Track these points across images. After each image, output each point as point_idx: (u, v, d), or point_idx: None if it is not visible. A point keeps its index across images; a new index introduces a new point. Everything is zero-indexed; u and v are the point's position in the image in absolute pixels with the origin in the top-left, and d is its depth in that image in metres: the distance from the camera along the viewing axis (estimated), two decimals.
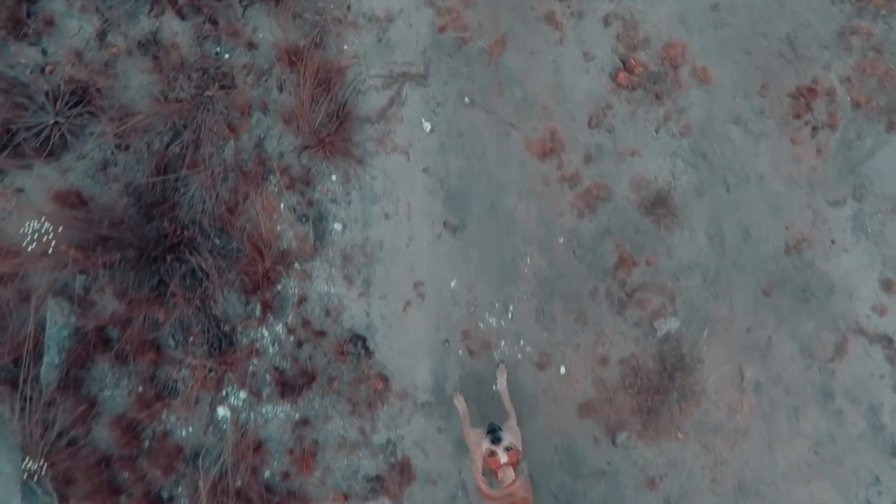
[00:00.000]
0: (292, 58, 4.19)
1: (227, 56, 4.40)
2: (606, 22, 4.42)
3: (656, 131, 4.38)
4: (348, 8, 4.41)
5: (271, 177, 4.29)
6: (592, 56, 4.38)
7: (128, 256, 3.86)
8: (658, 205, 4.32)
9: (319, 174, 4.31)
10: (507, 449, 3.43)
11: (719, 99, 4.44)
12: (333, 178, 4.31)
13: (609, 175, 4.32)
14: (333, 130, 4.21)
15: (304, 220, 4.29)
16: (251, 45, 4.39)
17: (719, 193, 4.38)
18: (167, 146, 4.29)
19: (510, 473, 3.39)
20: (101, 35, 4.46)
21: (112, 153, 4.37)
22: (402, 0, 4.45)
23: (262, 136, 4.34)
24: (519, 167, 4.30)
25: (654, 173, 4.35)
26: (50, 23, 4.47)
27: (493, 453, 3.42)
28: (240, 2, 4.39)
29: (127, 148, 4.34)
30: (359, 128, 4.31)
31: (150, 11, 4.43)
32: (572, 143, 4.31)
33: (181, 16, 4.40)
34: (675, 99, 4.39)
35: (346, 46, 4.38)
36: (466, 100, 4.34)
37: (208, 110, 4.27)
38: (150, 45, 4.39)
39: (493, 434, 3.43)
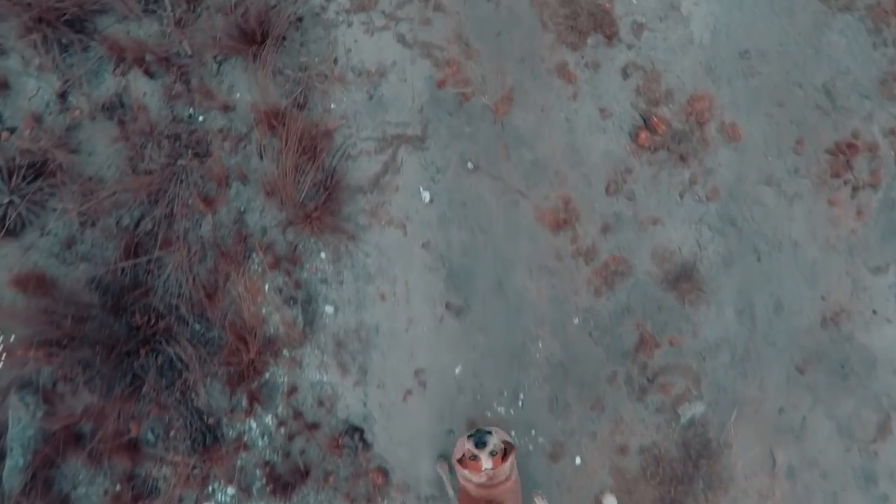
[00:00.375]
0: (272, 122, 3.58)
1: (200, 119, 3.79)
2: (625, 73, 3.80)
3: (681, 196, 3.78)
4: (335, 61, 3.78)
5: (254, 255, 3.67)
6: (610, 113, 3.77)
7: (93, 362, 3.28)
8: (683, 279, 3.74)
9: (307, 251, 3.72)
10: (493, 454, 2.93)
11: (750, 158, 3.85)
12: (323, 255, 3.73)
13: (629, 247, 3.74)
14: (321, 203, 3.63)
15: (291, 303, 3.72)
16: (227, 107, 3.78)
17: (749, 263, 3.81)
18: (137, 222, 3.71)
19: (504, 469, 2.97)
20: (62, 96, 3.86)
21: (78, 229, 3.75)
22: (396, 51, 3.81)
23: (242, 209, 3.74)
24: (529, 240, 3.72)
25: (679, 244, 3.76)
26: (4, 84, 3.86)
27: (475, 457, 2.92)
28: (214, 57, 3.74)
29: (94, 224, 3.72)
30: (349, 199, 3.72)
31: (114, 69, 3.82)
32: (588, 212, 3.72)
33: (149, 74, 3.78)
34: (702, 159, 3.79)
35: (332, 105, 3.77)
36: (469, 165, 3.75)
37: (181, 181, 3.68)
38: (116, 108, 3.76)
39: (478, 436, 2.92)
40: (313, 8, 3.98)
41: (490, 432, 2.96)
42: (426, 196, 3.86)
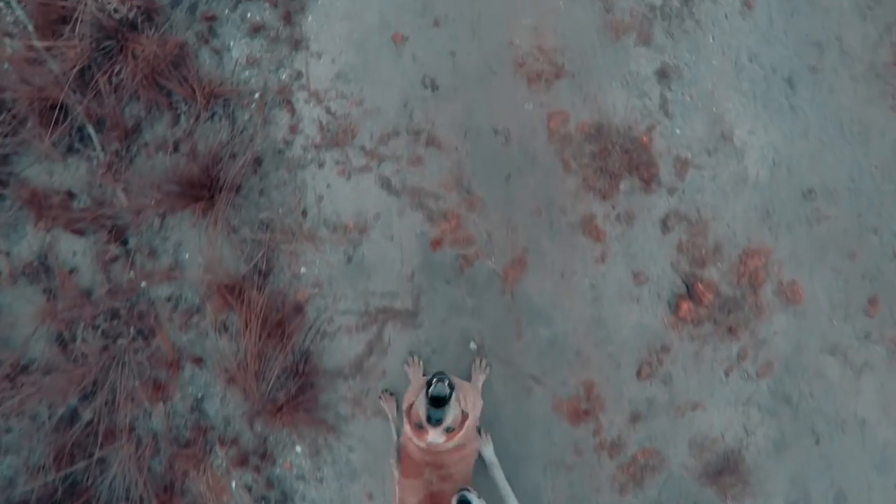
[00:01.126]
0: (228, 298, 2.65)
1: (143, 285, 2.86)
2: (665, 226, 2.88)
3: (726, 374, 2.94)
4: (303, 213, 2.87)
5: (216, 449, 2.82)
6: (645, 278, 2.88)
7: None
8: (725, 471, 2.95)
9: (280, 445, 2.92)
10: (448, 430, 2.25)
11: (811, 323, 2.98)
12: (298, 449, 2.94)
13: (662, 437, 2.94)
14: (293, 394, 2.75)
15: (263, 503, 2.87)
16: (174, 272, 2.83)
17: (806, 447, 3.02)
18: (73, 414, 2.83)
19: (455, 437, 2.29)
20: None
21: (2, 419, 2.90)
22: (379, 200, 2.89)
23: (199, 395, 2.92)
24: (543, 434, 2.94)
25: (721, 430, 2.95)
26: None
27: (420, 426, 2.26)
28: (157, 212, 2.77)
29: (21, 414, 2.86)
30: (327, 385, 2.90)
31: (36, 222, 2.85)
32: (615, 399, 2.90)
33: (77, 231, 2.81)
34: (754, 329, 2.93)
35: (303, 269, 2.88)
36: (472, 345, 2.94)
37: (124, 365, 2.78)
38: (40, 273, 2.82)
39: (433, 407, 2.19)
40: (275, 143, 3.00)
41: (449, 400, 2.21)
42: None
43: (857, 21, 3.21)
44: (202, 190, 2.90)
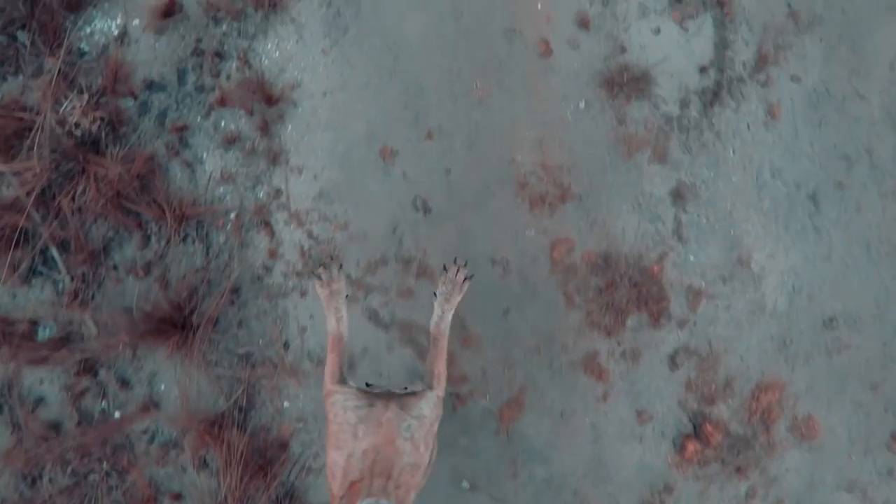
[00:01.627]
0: (206, 438, 2.45)
1: (116, 415, 2.66)
2: (673, 363, 2.66)
3: None
4: (285, 346, 2.66)
5: None
6: (650, 416, 2.68)
7: None
8: None
9: None
10: None
11: (827, 458, 2.82)
12: None
13: None
14: None
15: None
16: (148, 407, 2.62)
17: None
18: None
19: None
20: None
21: None
22: (367, 334, 2.72)
23: None
24: None
25: None
26: None
27: None
28: (128, 343, 2.56)
29: None
30: None
31: None
32: None
33: (41, 362, 2.59)
34: (765, 468, 2.74)
35: (286, 404, 2.69)
36: (465, 484, 2.78)
37: (96, 502, 2.60)
38: (3, 405, 2.64)
39: None
40: (253, 269, 2.76)
41: None
42: None
43: (889, 132, 2.91)
44: (175, 328, 2.67)
